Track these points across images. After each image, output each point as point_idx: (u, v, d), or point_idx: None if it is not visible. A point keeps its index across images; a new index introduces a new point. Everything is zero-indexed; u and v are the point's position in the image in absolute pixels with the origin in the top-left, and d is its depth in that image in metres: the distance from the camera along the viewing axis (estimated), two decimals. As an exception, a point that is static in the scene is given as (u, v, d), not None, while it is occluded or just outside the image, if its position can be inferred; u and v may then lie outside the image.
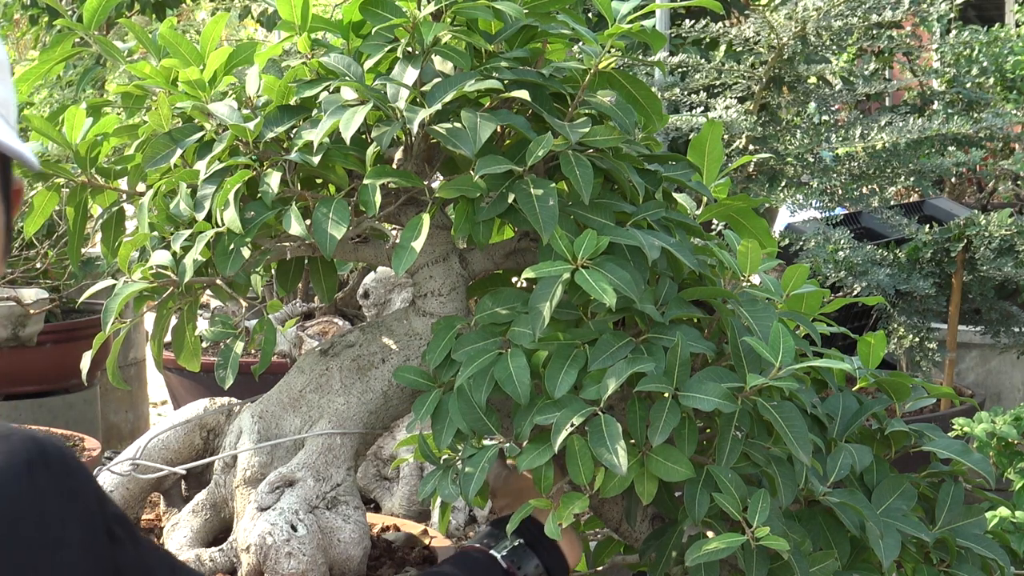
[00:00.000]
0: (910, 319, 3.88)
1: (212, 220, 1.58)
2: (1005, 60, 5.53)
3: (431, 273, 1.67)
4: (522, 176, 1.53)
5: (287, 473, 1.71)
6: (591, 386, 1.48)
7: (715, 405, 1.47)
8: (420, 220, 1.53)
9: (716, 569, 1.51)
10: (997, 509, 2.45)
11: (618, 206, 1.58)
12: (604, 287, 1.44)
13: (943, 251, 3.96)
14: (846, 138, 4.01)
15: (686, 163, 1.72)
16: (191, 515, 1.84)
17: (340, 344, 1.76)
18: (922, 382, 1.83)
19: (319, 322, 3.63)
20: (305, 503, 1.69)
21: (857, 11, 3.96)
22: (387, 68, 1.59)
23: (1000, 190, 6.27)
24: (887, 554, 1.53)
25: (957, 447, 1.71)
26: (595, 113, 1.62)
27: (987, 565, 1.67)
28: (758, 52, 4.01)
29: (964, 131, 4.09)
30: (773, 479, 1.53)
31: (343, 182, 1.62)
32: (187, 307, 1.74)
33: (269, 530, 1.66)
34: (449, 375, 1.57)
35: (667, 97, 4.14)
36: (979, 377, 4.78)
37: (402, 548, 1.99)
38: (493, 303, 1.57)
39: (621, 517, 1.67)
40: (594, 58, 1.60)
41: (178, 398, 3.97)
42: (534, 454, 1.50)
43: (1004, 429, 2.92)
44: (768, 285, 1.63)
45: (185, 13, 7.68)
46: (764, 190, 3.92)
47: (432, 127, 1.53)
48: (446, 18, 1.58)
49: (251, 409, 1.78)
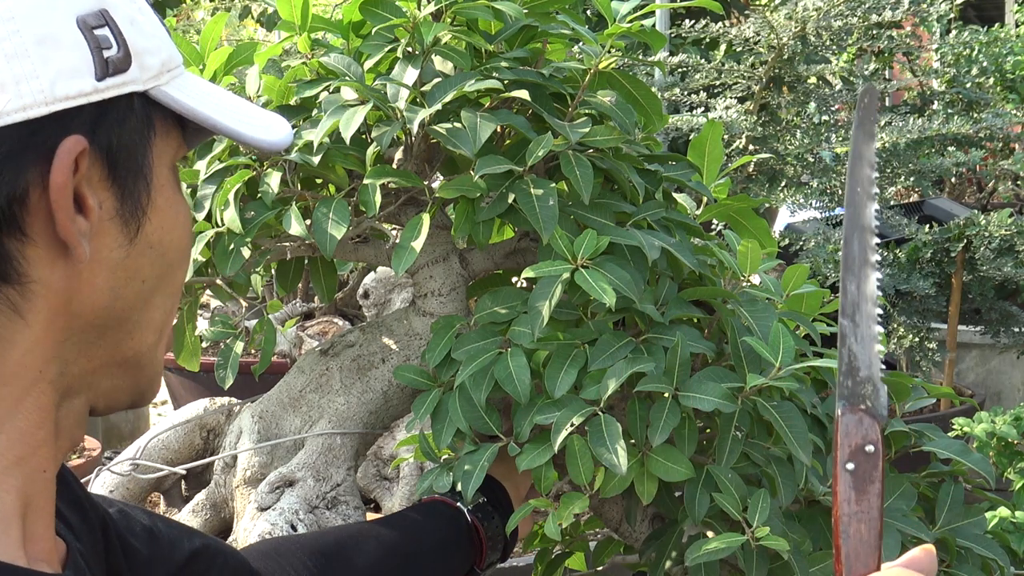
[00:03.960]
0: (910, 319, 3.88)
1: (212, 220, 1.58)
2: (1005, 60, 5.53)
3: (431, 273, 1.67)
4: (522, 176, 1.53)
5: (287, 473, 1.71)
6: (591, 386, 1.48)
7: (715, 405, 1.47)
8: (420, 220, 1.53)
9: (716, 569, 1.51)
10: (997, 509, 2.45)
11: (618, 206, 1.58)
12: (604, 287, 1.44)
13: (943, 251, 3.96)
14: (846, 138, 4.01)
15: (686, 163, 1.72)
16: (191, 515, 1.84)
17: (340, 344, 1.76)
18: (922, 382, 1.83)
19: (319, 322, 3.63)
20: (305, 503, 1.69)
21: (857, 11, 3.96)
22: (387, 68, 1.59)
23: (1000, 190, 6.27)
24: (887, 554, 1.52)
25: (957, 447, 1.71)
26: (595, 113, 1.62)
27: (987, 565, 1.67)
28: (758, 52, 4.01)
29: (964, 131, 4.10)
30: (773, 479, 1.53)
31: (343, 182, 1.62)
32: (187, 307, 1.74)
33: (269, 530, 1.66)
34: (449, 374, 1.57)
35: (667, 97, 4.14)
36: (979, 377, 4.79)
37: (402, 548, 1.99)
38: (493, 303, 1.57)
39: (621, 517, 1.67)
40: (594, 58, 1.60)
41: (178, 398, 3.97)
42: (534, 454, 1.50)
43: (1004, 429, 2.92)
44: (768, 285, 1.63)
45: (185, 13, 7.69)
46: (764, 190, 3.92)
47: (432, 127, 1.53)
48: (446, 18, 1.58)
49: (251, 409, 1.79)
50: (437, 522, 1.50)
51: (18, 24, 0.74)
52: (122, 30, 0.79)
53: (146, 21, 0.82)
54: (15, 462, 0.77)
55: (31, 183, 0.75)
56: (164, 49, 0.83)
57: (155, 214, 0.82)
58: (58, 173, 0.75)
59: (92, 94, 0.77)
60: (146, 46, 0.81)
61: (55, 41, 0.76)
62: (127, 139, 0.80)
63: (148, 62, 0.81)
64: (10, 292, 0.75)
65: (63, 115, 0.76)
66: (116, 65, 0.78)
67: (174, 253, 0.86)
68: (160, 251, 0.84)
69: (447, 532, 1.50)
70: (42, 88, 0.74)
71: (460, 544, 1.51)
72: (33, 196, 0.75)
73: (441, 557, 1.50)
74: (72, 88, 0.76)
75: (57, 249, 0.76)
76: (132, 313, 0.83)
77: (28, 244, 0.75)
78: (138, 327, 0.84)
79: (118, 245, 0.80)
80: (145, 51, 0.81)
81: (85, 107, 0.77)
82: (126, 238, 0.81)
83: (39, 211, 0.75)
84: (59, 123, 0.76)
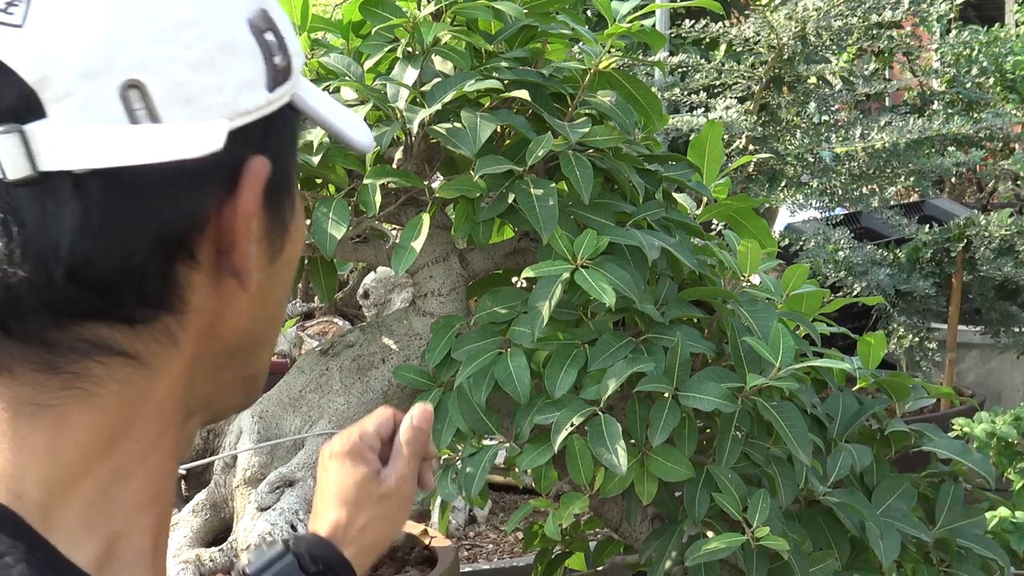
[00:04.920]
0: (910, 319, 3.88)
1: (212, 220, 1.58)
2: (1005, 60, 5.54)
3: (431, 273, 1.67)
4: (522, 176, 1.53)
5: (287, 473, 1.71)
6: (591, 386, 1.48)
7: (715, 405, 1.47)
8: (420, 220, 1.53)
9: (716, 569, 1.51)
10: (997, 509, 2.45)
11: (618, 206, 1.58)
12: (604, 287, 1.44)
13: (943, 251, 3.96)
14: (846, 138, 4.01)
15: (686, 163, 1.72)
16: (191, 515, 1.84)
17: (340, 344, 1.76)
18: (922, 382, 1.83)
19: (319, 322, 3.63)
20: (305, 503, 1.69)
21: (857, 11, 3.96)
22: (387, 68, 1.59)
23: (1000, 190, 6.28)
24: (887, 554, 1.53)
25: (957, 447, 1.71)
26: (595, 113, 1.62)
27: (987, 565, 1.67)
28: (758, 52, 4.01)
29: (964, 131, 4.10)
30: (773, 479, 1.53)
31: (343, 182, 1.62)
32: (187, 307, 1.74)
33: (269, 530, 1.66)
34: (449, 374, 1.57)
35: (667, 97, 4.14)
36: (979, 377, 4.79)
37: (402, 548, 1.99)
38: (493, 303, 1.57)
39: (621, 517, 1.67)
40: (594, 58, 1.60)
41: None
42: (534, 454, 1.50)
43: (1004, 429, 2.92)
44: (768, 285, 1.63)
45: (185, 13, 7.68)
46: (764, 190, 3.92)
47: (432, 127, 1.53)
48: (446, 18, 1.58)
49: (251, 409, 1.79)
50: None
51: (203, 29, 0.68)
52: (283, 33, 0.73)
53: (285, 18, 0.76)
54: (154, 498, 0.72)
55: (213, 206, 0.69)
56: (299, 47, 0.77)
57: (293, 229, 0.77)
58: (249, 200, 0.69)
59: (265, 107, 0.71)
60: (296, 48, 0.75)
61: (234, 49, 0.70)
62: (283, 153, 0.75)
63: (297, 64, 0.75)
64: (170, 321, 0.71)
65: (242, 131, 0.70)
66: (283, 74, 0.72)
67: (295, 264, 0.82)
68: (290, 268, 0.79)
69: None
70: (226, 101, 0.69)
71: None
72: (211, 220, 0.69)
73: None
74: (251, 102, 0.70)
75: (219, 275, 0.71)
76: (264, 335, 0.79)
77: (196, 270, 0.70)
78: (264, 347, 0.80)
79: (261, 266, 0.74)
80: (296, 53, 0.74)
81: (257, 121, 0.71)
82: (270, 259, 0.75)
83: (212, 235, 0.70)
84: (238, 141, 0.69)
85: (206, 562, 1.79)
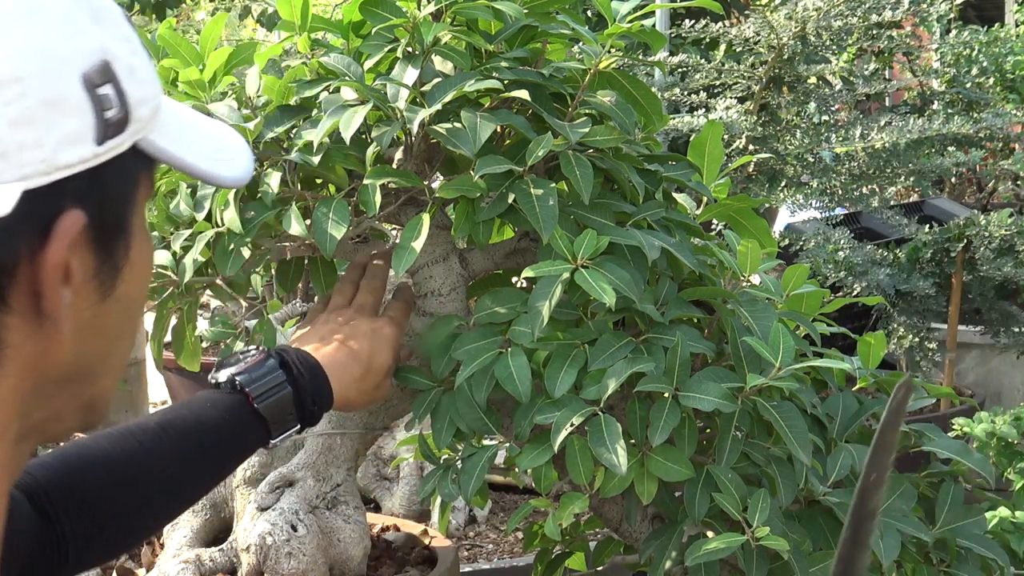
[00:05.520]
0: (910, 319, 3.88)
1: (212, 220, 1.58)
2: (1005, 60, 5.54)
3: (431, 273, 1.67)
4: (522, 176, 1.53)
5: (287, 473, 1.71)
6: (591, 386, 1.48)
7: (715, 405, 1.47)
8: (420, 220, 1.53)
9: (716, 569, 1.51)
10: (997, 509, 2.45)
11: (618, 206, 1.58)
12: (604, 287, 1.44)
13: (943, 251, 3.96)
14: (846, 138, 4.01)
15: (686, 163, 1.72)
16: (191, 515, 1.84)
17: (340, 344, 1.76)
18: (922, 382, 1.83)
19: (319, 322, 3.62)
20: (305, 503, 1.69)
21: (857, 11, 3.96)
22: (387, 68, 1.59)
23: (1000, 190, 6.27)
24: (887, 554, 1.53)
25: (957, 447, 1.71)
26: (595, 113, 1.62)
27: (987, 565, 1.67)
28: (758, 52, 4.01)
29: (964, 131, 4.10)
30: (773, 479, 1.53)
31: (343, 182, 1.61)
32: (187, 307, 1.74)
33: (269, 530, 1.66)
34: (447, 372, 1.57)
35: (667, 97, 4.14)
36: (979, 377, 4.79)
37: (402, 548, 1.99)
38: (493, 302, 1.57)
39: (621, 517, 1.67)
40: (594, 58, 1.60)
41: (178, 398, 3.97)
42: (534, 454, 1.50)
43: (1004, 429, 2.92)
44: (768, 285, 1.63)
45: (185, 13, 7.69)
46: (764, 190, 3.92)
47: (432, 127, 1.53)
48: (446, 18, 1.58)
49: (251, 409, 1.78)
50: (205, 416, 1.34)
51: (25, 86, 0.70)
52: (123, 85, 0.75)
53: (141, 65, 0.78)
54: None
55: (21, 255, 0.71)
56: (155, 94, 0.79)
57: (129, 269, 0.79)
58: (56, 253, 0.71)
59: (91, 160, 0.73)
60: (142, 96, 0.77)
61: (60, 104, 0.71)
62: (115, 200, 0.76)
63: (141, 113, 0.77)
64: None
65: (59, 184, 0.71)
66: (116, 127, 0.74)
67: (137, 301, 0.82)
68: (126, 304, 0.80)
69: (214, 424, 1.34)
70: (44, 157, 0.70)
71: (231, 432, 1.36)
72: (21, 267, 0.72)
73: (214, 452, 1.34)
74: (73, 156, 0.72)
75: (36, 318, 0.73)
76: (95, 366, 0.81)
77: (8, 313, 0.72)
78: (99, 376, 0.82)
79: (89, 305, 0.77)
80: (141, 102, 0.76)
81: (81, 173, 0.73)
82: (99, 297, 0.78)
83: (25, 282, 0.72)
84: (55, 192, 0.71)
85: (206, 562, 1.79)
